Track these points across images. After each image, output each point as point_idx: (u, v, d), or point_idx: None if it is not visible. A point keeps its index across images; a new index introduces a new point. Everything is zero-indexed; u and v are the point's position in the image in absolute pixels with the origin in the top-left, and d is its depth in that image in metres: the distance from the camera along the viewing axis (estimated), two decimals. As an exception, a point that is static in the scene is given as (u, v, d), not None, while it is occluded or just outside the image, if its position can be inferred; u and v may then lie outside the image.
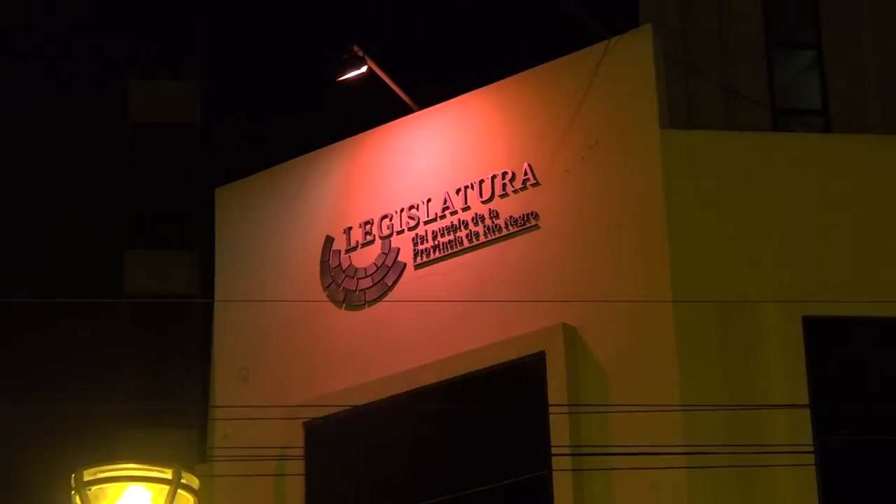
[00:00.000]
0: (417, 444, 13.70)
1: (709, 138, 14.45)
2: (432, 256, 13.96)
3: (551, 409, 12.77)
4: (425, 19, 18.19)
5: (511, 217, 13.71)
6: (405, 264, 14.03)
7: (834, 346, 13.13)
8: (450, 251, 13.91)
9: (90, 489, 8.14)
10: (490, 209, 13.80)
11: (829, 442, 12.47)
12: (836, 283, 13.10)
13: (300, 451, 13.92)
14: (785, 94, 19.60)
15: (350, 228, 14.46)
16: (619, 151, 13.48)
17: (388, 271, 14.14)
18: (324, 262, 14.52)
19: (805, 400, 12.60)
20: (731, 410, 12.29)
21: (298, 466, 13.90)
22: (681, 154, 13.44)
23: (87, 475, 8.10)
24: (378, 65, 15.08)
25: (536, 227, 13.53)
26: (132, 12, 21.66)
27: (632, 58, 13.79)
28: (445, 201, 14.04)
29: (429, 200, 14.23)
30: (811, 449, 12.20)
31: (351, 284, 14.34)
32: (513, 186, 13.80)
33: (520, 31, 17.35)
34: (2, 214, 27.27)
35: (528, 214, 13.56)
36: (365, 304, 14.24)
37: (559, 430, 12.67)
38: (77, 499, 8.19)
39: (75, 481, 8.14)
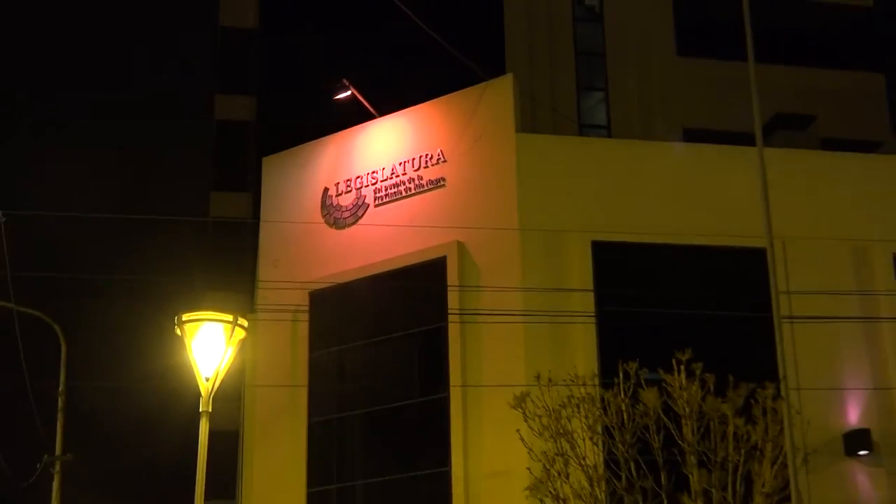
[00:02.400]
0: (371, 305, 16.68)
1: (544, 139, 17.42)
2: (384, 200, 16.79)
3: (449, 289, 15.77)
4: (384, 62, 20.76)
5: (430, 179, 16.50)
6: (369, 204, 16.82)
7: (612, 261, 15.84)
8: (394, 198, 16.73)
9: (185, 325, 10.19)
10: (418, 174, 16.63)
11: (605, 312, 15.26)
12: (615, 222, 15.80)
13: (306, 308, 16.68)
14: (586, 115, 23.83)
15: (338, 183, 17.19)
16: (493, 144, 16.35)
17: (359, 208, 16.91)
18: (323, 202, 17.21)
19: (591, 286, 15.47)
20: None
21: (305, 317, 16.68)
22: (528, 148, 16.32)
23: (185, 317, 10.15)
24: (357, 90, 17.94)
25: (444, 185, 16.38)
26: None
27: (501, 91, 16.56)
28: (393, 169, 16.88)
29: (383, 169, 17.01)
30: (594, 319, 15.27)
31: (337, 214, 17.07)
32: (431, 162, 16.59)
33: (439, 70, 18.88)
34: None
35: (439, 178, 16.43)
36: (345, 225, 16.95)
37: (453, 300, 15.69)
38: (178, 330, 10.22)
39: (177, 321, 10.13)
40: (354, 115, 18.09)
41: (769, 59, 17.48)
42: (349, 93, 18.09)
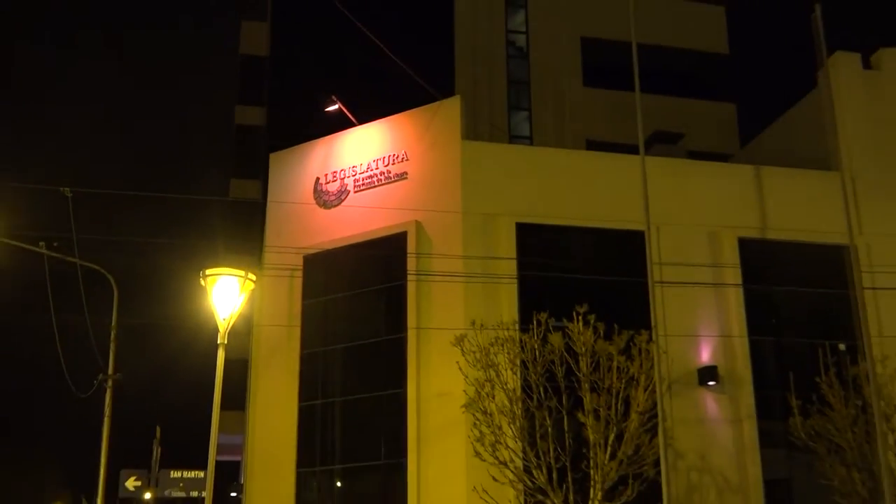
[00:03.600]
0: (350, 267, 16.47)
1: (482, 145, 17.32)
2: (361, 188, 16.59)
3: (408, 256, 15.62)
4: (365, 84, 20.56)
5: (396, 173, 16.33)
6: (350, 191, 16.65)
7: (531, 238, 15.69)
8: (369, 186, 16.55)
9: (208, 278, 10.24)
10: (387, 169, 16.42)
11: (524, 276, 15.21)
12: (534, 209, 15.70)
13: (300, 268, 16.51)
14: (514, 128, 23.96)
15: (326, 174, 17.01)
16: (444, 148, 16.21)
17: (342, 193, 16.73)
18: (315, 188, 17.03)
19: (514, 256, 15.35)
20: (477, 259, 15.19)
21: (299, 274, 16.51)
22: (470, 151, 16.18)
23: (207, 272, 10.22)
24: (343, 105, 17.94)
25: (406, 178, 16.21)
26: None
27: (451, 109, 16.40)
28: (368, 165, 16.69)
29: (361, 164, 16.80)
30: (515, 281, 15.21)
31: (326, 197, 16.85)
32: (397, 160, 16.38)
33: (406, 91, 18.13)
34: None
35: (403, 172, 16.26)
36: (331, 206, 16.76)
37: (411, 264, 15.56)
38: (202, 281, 10.27)
39: (202, 275, 10.22)
40: (340, 123, 17.99)
41: (651, 90, 17.41)
42: (337, 106, 18.19)
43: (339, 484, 15.92)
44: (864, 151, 17.47)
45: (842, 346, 14.85)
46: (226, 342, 10.50)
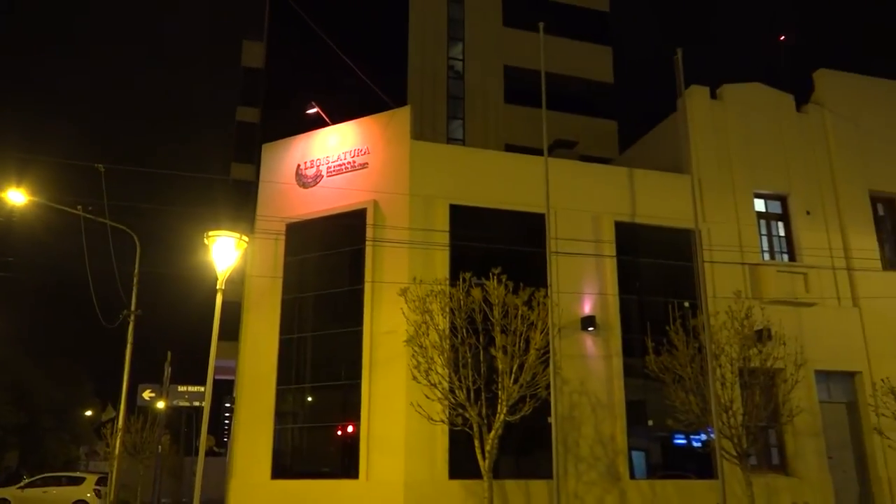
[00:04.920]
0: (322, 234, 16.11)
1: (426, 144, 17.02)
2: (333, 174, 16.26)
3: (367, 226, 15.33)
4: (339, 94, 19.67)
5: (360, 163, 16.07)
6: (324, 175, 16.33)
7: (461, 216, 15.41)
8: (339, 172, 16.23)
9: (209, 238, 10.22)
10: (353, 159, 16.13)
11: (455, 244, 14.98)
12: (464, 194, 15.53)
13: (284, 233, 16.15)
14: (451, 132, 23.93)
15: (306, 162, 16.61)
16: (397, 145, 15.92)
17: (317, 177, 16.40)
18: (297, 172, 16.63)
19: (447, 229, 15.21)
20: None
21: (283, 238, 16.12)
22: (417, 148, 15.91)
23: (210, 234, 10.22)
24: (321, 108, 17.73)
25: (367, 167, 15.97)
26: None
27: (403, 115, 16.13)
28: (339, 156, 16.35)
29: (333, 155, 16.44)
30: (448, 248, 14.95)
31: (305, 180, 16.51)
32: (361, 153, 16.12)
33: (370, 100, 18.14)
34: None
35: (365, 163, 16.02)
36: (309, 187, 16.43)
37: (369, 233, 15.31)
38: (206, 240, 10.20)
39: (205, 236, 10.20)
40: (318, 123, 17.65)
41: (554, 108, 17.49)
42: (315, 109, 17.91)
43: (309, 398, 15.80)
44: (707, 160, 17.67)
45: (686, 304, 15.13)
46: (223, 288, 10.35)
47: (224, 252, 10.26)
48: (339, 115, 17.42)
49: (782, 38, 23.54)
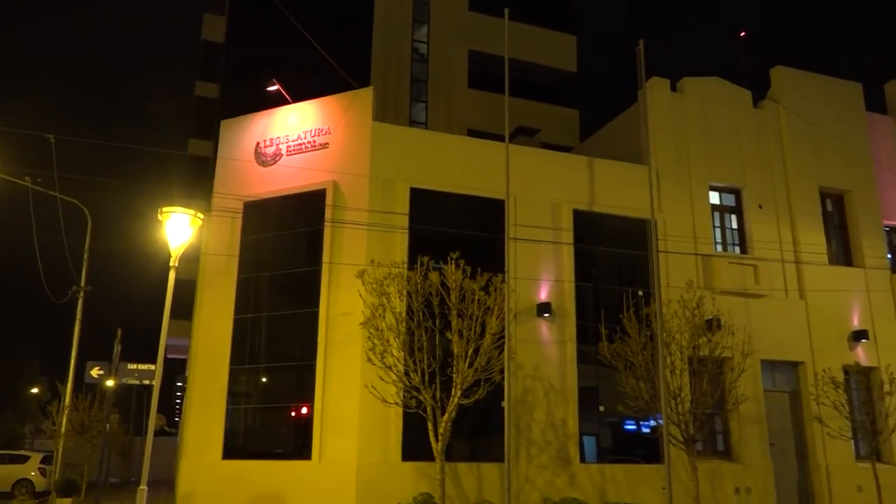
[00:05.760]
0: (280, 213, 15.82)
1: (388, 126, 16.71)
2: (293, 153, 16.07)
3: (326, 207, 15.16)
4: (301, 72, 19.62)
5: (320, 143, 15.89)
6: (283, 154, 16.13)
7: (421, 199, 15.29)
8: (299, 152, 16.04)
9: (163, 214, 10.09)
10: (314, 139, 15.96)
11: (413, 228, 14.84)
12: (424, 177, 15.44)
13: (241, 211, 15.96)
14: (414, 115, 23.85)
15: (265, 140, 16.40)
16: (358, 126, 15.75)
17: (277, 156, 16.20)
18: (256, 150, 16.41)
19: (407, 212, 15.06)
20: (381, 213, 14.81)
21: (240, 216, 15.94)
22: (378, 130, 15.75)
23: (164, 209, 10.10)
24: (282, 86, 17.58)
25: (328, 147, 15.81)
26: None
27: (365, 96, 16.00)
28: (299, 135, 16.16)
29: (293, 133, 16.26)
30: (407, 231, 14.82)
31: (264, 157, 16.30)
32: (322, 133, 15.97)
33: (333, 80, 17.87)
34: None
35: (325, 143, 15.84)
36: (268, 165, 16.23)
37: (328, 214, 15.15)
38: (160, 216, 10.09)
39: (160, 212, 10.09)
40: (278, 101, 17.37)
41: (517, 94, 17.62)
42: (276, 87, 17.65)
43: (263, 379, 15.65)
44: (665, 152, 17.92)
45: (640, 293, 15.31)
46: (177, 265, 10.23)
47: (178, 229, 10.17)
48: (300, 93, 17.17)
49: (743, 34, 24.03)
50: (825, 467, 16.97)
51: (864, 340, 18.07)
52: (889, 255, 19.59)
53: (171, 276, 10.02)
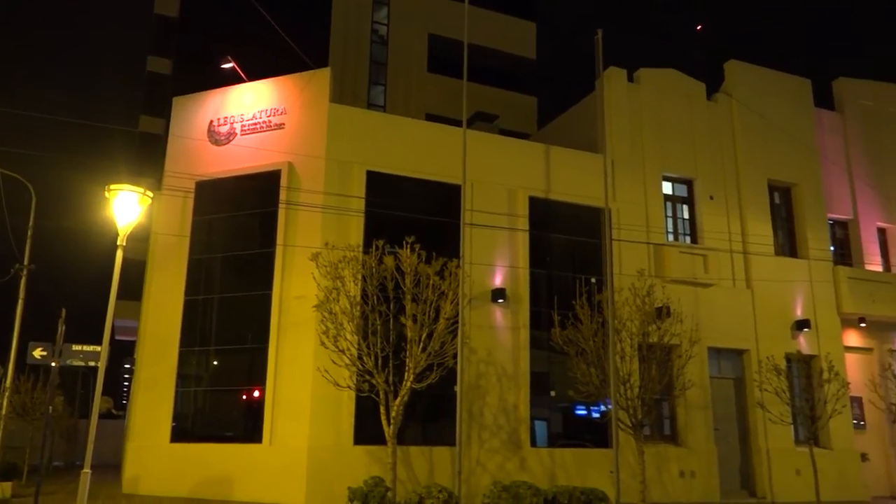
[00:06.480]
0: (233, 193, 15.65)
1: (345, 108, 16.47)
2: (247, 133, 15.86)
3: (280, 189, 14.98)
4: (258, 51, 19.42)
5: (275, 123, 15.72)
6: (237, 133, 15.92)
7: (377, 183, 15.11)
8: (253, 132, 15.83)
9: (110, 192, 9.80)
10: (269, 119, 15.77)
11: (370, 212, 14.57)
12: (381, 161, 15.32)
13: (193, 191, 15.68)
14: (372, 98, 23.72)
15: (219, 118, 16.13)
16: (314, 107, 15.57)
17: (230, 135, 15.97)
18: (209, 128, 16.14)
19: (363, 196, 14.89)
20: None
21: (192, 196, 15.66)
22: (335, 112, 15.57)
23: (112, 187, 9.80)
24: (237, 64, 17.34)
25: (283, 128, 15.63)
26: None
27: (323, 77, 15.78)
28: (254, 115, 15.95)
29: (248, 113, 16.02)
30: (363, 214, 14.64)
31: (217, 136, 16.05)
32: (277, 113, 15.77)
33: (290, 59, 17.68)
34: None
35: (281, 123, 15.67)
36: (221, 144, 15.99)
37: (283, 195, 14.97)
38: (107, 193, 9.78)
39: (107, 189, 9.82)
40: (233, 79, 17.12)
41: (476, 80, 17.63)
42: (231, 64, 17.56)
43: (214, 362, 15.46)
44: (621, 141, 18.11)
45: (593, 280, 15.53)
46: (125, 245, 10.04)
47: (126, 207, 9.92)
48: (256, 72, 16.94)
49: (699, 27, 24.41)
50: (766, 451, 17.53)
51: (805, 329, 18.66)
52: (832, 248, 20.24)
53: (119, 255, 9.80)
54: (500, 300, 15.73)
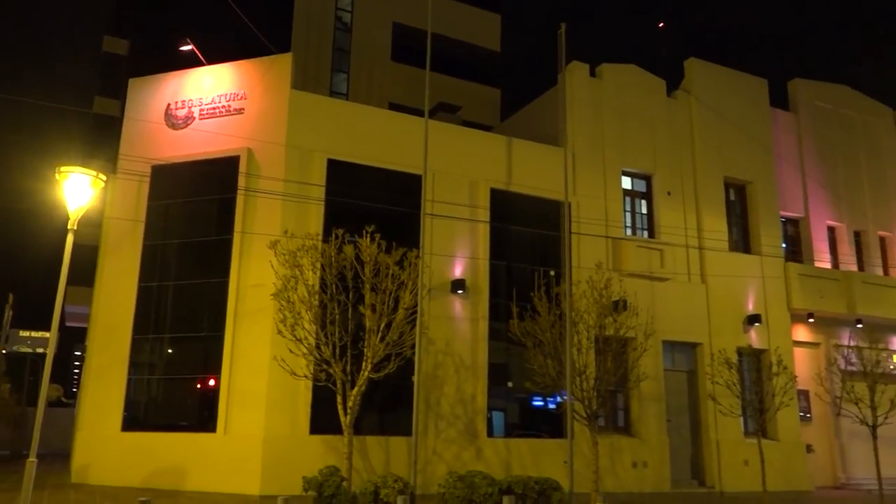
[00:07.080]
0: (190, 179, 15.38)
1: (307, 95, 16.16)
2: (206, 117, 15.63)
3: (239, 175, 14.84)
4: (218, 35, 18.81)
5: (235, 108, 15.52)
6: (195, 118, 15.68)
7: (338, 171, 15.09)
8: (212, 116, 15.62)
9: (61, 174, 9.51)
10: (228, 104, 15.56)
11: (330, 200, 14.63)
12: (342, 149, 15.23)
13: (149, 175, 15.45)
14: (335, 86, 23.42)
15: (176, 102, 15.89)
16: (275, 93, 15.39)
17: (188, 119, 15.73)
18: (166, 112, 15.86)
19: (324, 184, 14.88)
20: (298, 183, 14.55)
21: (147, 180, 15.42)
22: (297, 99, 15.39)
23: (62, 169, 9.51)
24: (196, 47, 16.99)
25: (243, 113, 15.45)
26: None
27: (284, 63, 15.63)
28: (213, 99, 15.71)
29: (206, 97, 15.78)
30: (323, 202, 14.59)
31: (175, 120, 15.81)
32: (237, 98, 15.60)
33: (251, 44, 17.14)
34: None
35: (241, 108, 15.46)
36: (178, 128, 15.74)
37: (241, 181, 14.81)
38: (56, 175, 9.50)
39: (57, 171, 9.53)
40: (191, 62, 16.83)
41: (440, 70, 17.57)
42: (190, 47, 17.06)
43: (168, 350, 15.24)
44: (582, 136, 18.28)
45: (552, 272, 15.61)
46: (76, 229, 9.77)
47: (78, 190, 9.63)
48: (215, 55, 16.59)
49: (661, 24, 24.71)
50: (716, 442, 17.95)
51: (757, 324, 19.12)
52: (783, 245, 20.72)
53: (69, 239, 9.53)
54: (460, 291, 15.78)
